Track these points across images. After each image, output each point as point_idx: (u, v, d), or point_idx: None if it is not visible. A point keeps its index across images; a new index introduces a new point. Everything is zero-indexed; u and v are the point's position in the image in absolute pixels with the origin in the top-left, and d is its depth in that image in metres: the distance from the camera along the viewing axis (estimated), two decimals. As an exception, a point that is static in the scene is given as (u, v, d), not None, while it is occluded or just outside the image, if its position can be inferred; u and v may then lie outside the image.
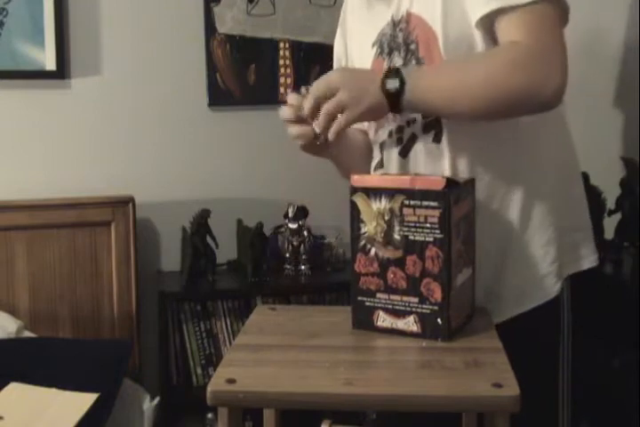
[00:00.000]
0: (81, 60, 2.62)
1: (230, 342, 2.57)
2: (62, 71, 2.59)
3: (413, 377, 1.11)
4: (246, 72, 2.74)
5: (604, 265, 2.43)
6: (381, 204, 1.24)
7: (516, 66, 1.22)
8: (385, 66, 1.43)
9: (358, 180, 1.28)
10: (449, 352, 1.17)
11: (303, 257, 2.65)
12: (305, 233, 2.65)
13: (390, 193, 1.23)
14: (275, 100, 2.75)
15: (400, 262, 1.24)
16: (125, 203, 2.55)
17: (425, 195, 1.21)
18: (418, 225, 1.22)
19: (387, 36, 1.43)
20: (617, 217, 2.44)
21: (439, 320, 1.22)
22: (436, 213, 1.20)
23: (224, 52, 2.70)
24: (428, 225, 1.21)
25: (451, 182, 1.21)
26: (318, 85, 1.28)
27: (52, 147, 2.64)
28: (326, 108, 1.26)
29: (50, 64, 2.57)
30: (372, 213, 1.25)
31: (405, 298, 1.24)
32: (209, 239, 2.57)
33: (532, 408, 1.06)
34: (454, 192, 1.21)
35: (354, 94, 1.25)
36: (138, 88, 2.67)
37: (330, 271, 2.70)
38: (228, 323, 2.61)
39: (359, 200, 1.26)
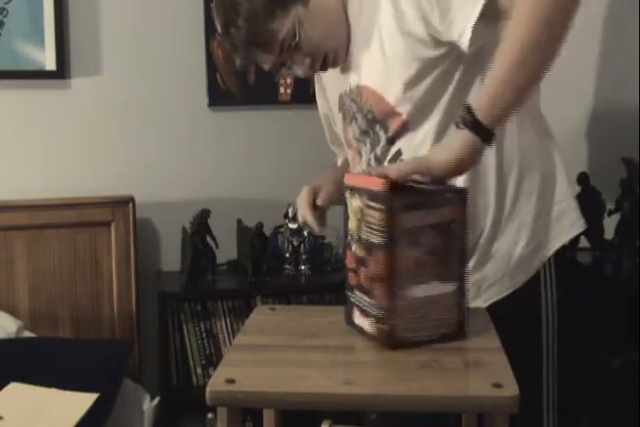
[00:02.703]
0: (81, 60, 2.62)
1: (230, 342, 2.57)
2: (62, 71, 2.58)
3: (413, 377, 1.11)
4: (246, 72, 2.73)
5: (604, 265, 2.43)
6: (357, 202, 1.23)
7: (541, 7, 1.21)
8: (350, 133, 1.54)
9: (347, 177, 1.28)
10: (448, 352, 1.17)
11: (303, 257, 2.65)
12: (305, 233, 2.65)
13: (360, 192, 1.22)
14: (275, 100, 2.75)
15: (365, 262, 1.22)
16: (125, 203, 2.55)
17: (375, 196, 1.18)
18: (373, 226, 1.19)
19: (345, 107, 1.53)
20: (617, 217, 2.44)
21: (385, 327, 1.19)
22: (381, 215, 1.17)
23: (224, 52, 2.70)
24: (377, 227, 1.18)
25: (408, 188, 1.19)
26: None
27: (51, 147, 2.64)
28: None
29: (50, 64, 2.57)
30: (353, 210, 1.24)
31: (367, 299, 1.22)
32: (209, 239, 2.57)
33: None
34: (404, 198, 1.17)
35: (439, 155, 1.23)
36: (138, 88, 2.67)
37: (330, 271, 2.70)
38: (228, 323, 2.61)
39: (348, 197, 1.26)
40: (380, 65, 1.40)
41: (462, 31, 1.28)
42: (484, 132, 1.22)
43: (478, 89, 1.37)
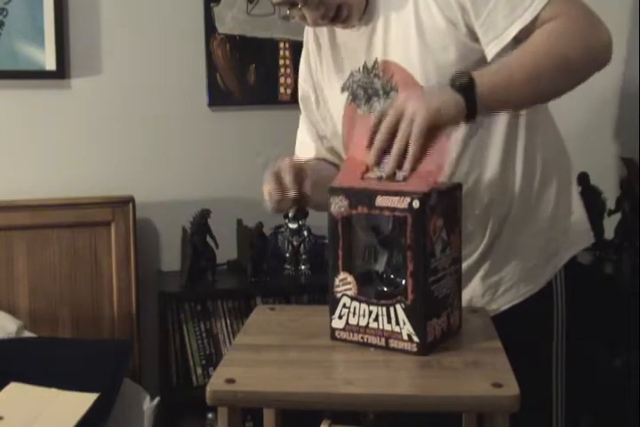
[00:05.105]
0: (81, 60, 2.62)
1: (230, 342, 2.57)
2: (62, 71, 2.58)
3: (413, 377, 1.11)
4: (246, 72, 2.73)
5: (604, 265, 2.43)
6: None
7: (574, 32, 1.22)
8: (360, 112, 1.42)
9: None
10: (448, 352, 1.17)
11: (303, 257, 2.65)
12: (305, 233, 2.65)
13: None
14: (275, 100, 2.75)
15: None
16: (125, 203, 2.55)
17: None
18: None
19: (360, 83, 1.42)
20: (617, 217, 2.44)
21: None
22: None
23: (224, 52, 2.70)
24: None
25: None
26: (386, 113, 1.17)
27: (51, 147, 2.64)
28: (403, 122, 1.13)
29: (50, 64, 2.57)
30: None
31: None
32: (209, 239, 2.57)
33: (526, 405, 1.06)
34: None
35: (422, 98, 1.15)
36: (138, 88, 2.67)
37: (330, 271, 2.69)
38: (228, 323, 2.61)
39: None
40: (414, 42, 1.32)
41: (494, 41, 1.27)
42: (472, 101, 1.16)
43: None
